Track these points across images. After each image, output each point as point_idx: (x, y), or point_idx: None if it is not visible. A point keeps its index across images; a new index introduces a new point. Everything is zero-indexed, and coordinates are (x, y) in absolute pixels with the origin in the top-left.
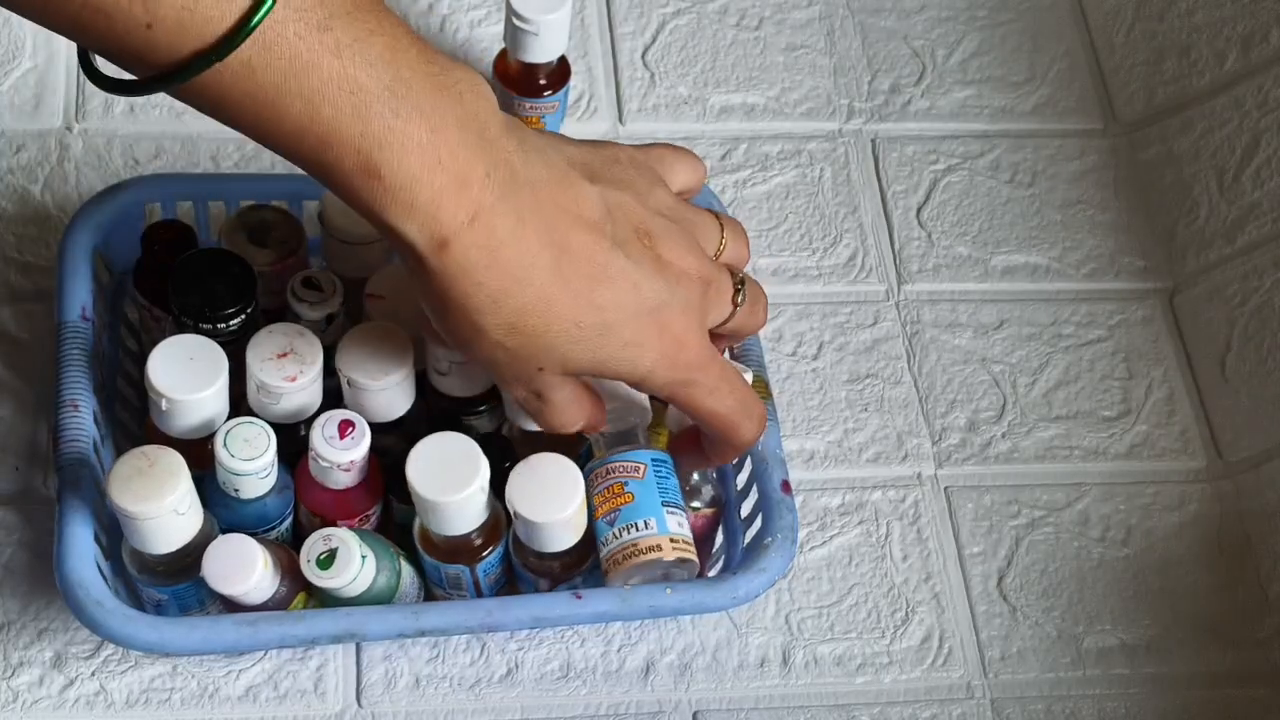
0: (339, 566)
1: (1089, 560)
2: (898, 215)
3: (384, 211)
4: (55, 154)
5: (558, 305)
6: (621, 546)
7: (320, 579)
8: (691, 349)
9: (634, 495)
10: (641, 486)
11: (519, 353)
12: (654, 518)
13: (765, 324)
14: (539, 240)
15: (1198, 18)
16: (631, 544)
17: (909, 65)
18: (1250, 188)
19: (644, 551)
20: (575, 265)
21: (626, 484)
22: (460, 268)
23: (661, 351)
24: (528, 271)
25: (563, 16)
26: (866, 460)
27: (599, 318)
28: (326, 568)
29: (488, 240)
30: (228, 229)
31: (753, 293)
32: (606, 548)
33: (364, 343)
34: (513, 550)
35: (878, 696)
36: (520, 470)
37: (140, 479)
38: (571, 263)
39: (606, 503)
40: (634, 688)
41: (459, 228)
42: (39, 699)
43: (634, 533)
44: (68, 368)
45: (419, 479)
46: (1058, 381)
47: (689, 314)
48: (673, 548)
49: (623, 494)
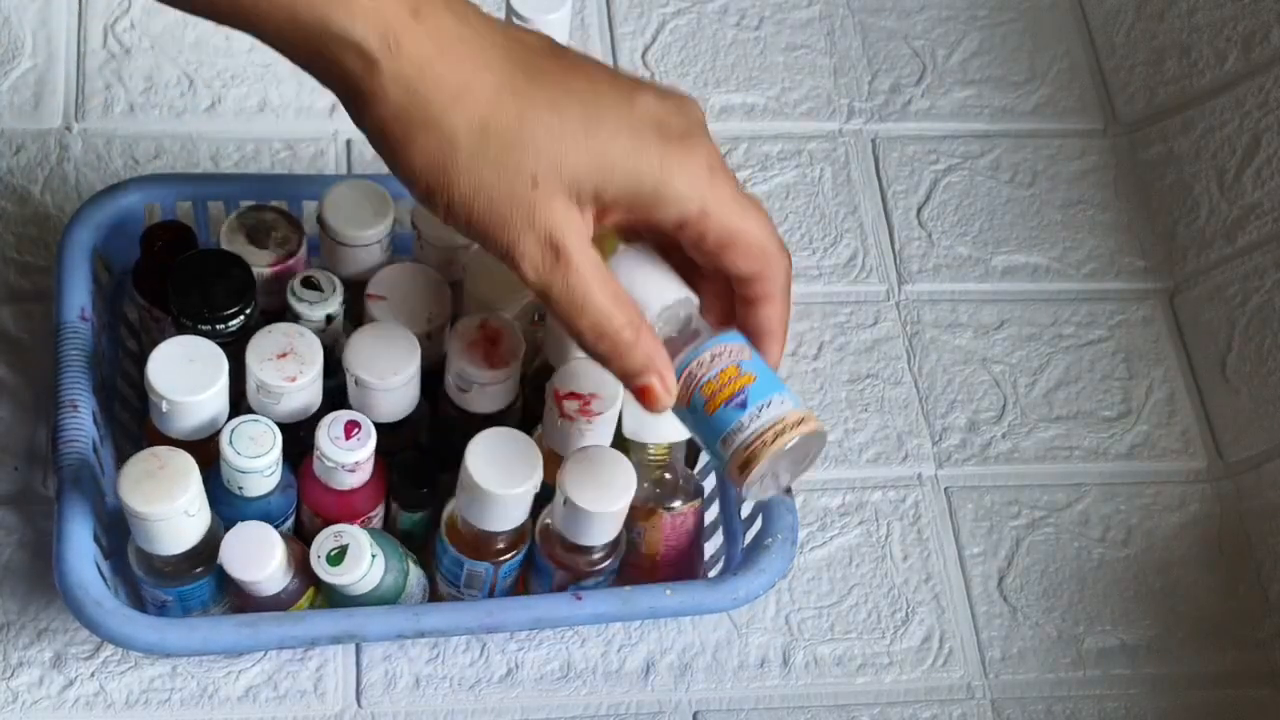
0: (349, 564)
1: (1089, 560)
2: (898, 215)
3: (328, 20)
4: (55, 154)
5: (527, 91)
6: (769, 425)
7: (330, 575)
8: (706, 153)
9: (755, 375)
10: (756, 366)
11: (503, 162)
12: (783, 393)
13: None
14: (488, 26)
15: (1198, 18)
16: (780, 419)
17: (909, 65)
18: (1250, 188)
19: (795, 425)
20: (534, 53)
21: (741, 365)
22: (416, 66)
23: (668, 153)
24: (486, 55)
25: (563, 16)
26: (866, 460)
27: (579, 108)
28: (337, 564)
29: (437, 30)
30: (227, 229)
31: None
32: (745, 432)
33: (371, 342)
34: (539, 540)
35: (878, 697)
36: (575, 459)
37: (151, 480)
38: (528, 51)
39: (725, 388)
40: (634, 688)
41: (406, 21)
42: (39, 699)
43: (776, 409)
44: (67, 368)
45: (477, 468)
46: (1058, 382)
47: (693, 130)
48: (815, 418)
49: (740, 375)
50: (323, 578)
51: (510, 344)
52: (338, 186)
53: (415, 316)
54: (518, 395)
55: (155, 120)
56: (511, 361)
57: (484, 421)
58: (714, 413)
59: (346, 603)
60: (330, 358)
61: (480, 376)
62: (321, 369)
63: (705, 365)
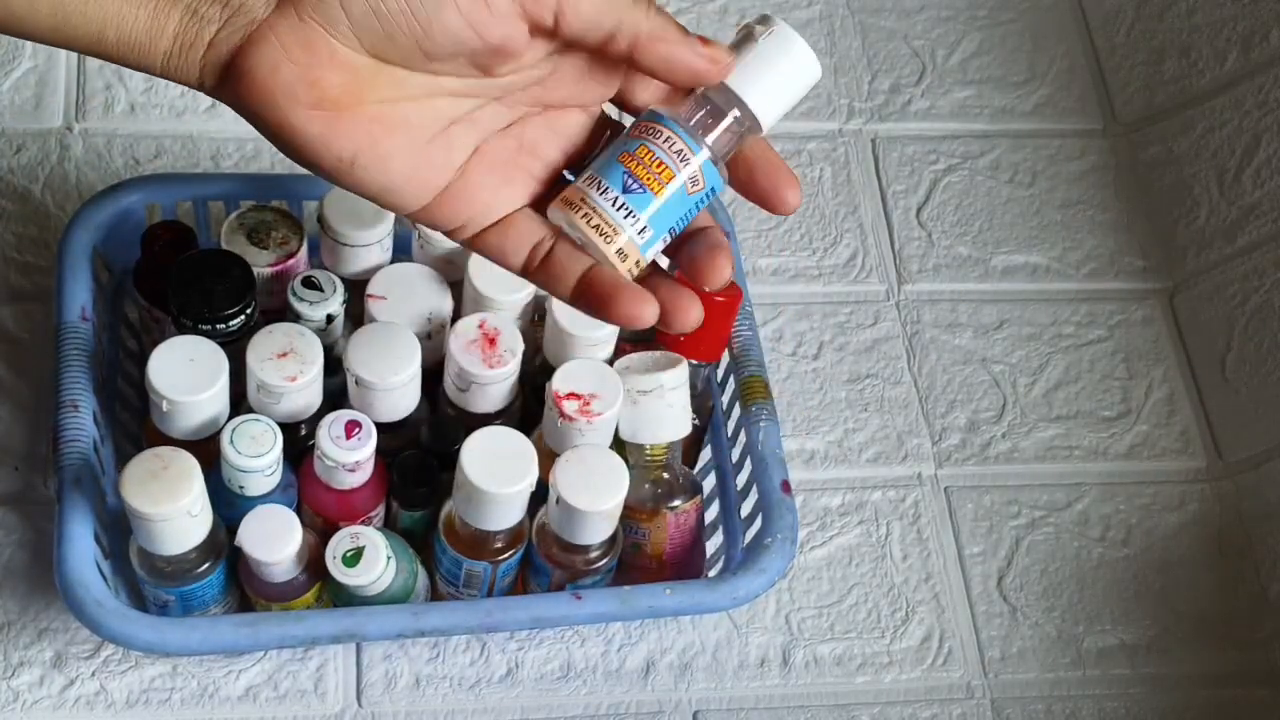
0: (365, 565)
1: (1089, 560)
2: (898, 215)
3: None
4: (55, 154)
5: None
6: (592, 214)
7: (345, 576)
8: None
9: (668, 192)
10: (678, 188)
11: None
12: (654, 230)
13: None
14: None
15: (1198, 18)
16: (605, 221)
17: (909, 65)
18: (1250, 188)
19: (604, 242)
20: None
21: (675, 174)
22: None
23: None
24: None
25: None
26: (866, 460)
27: None
28: (353, 565)
29: None
30: (227, 229)
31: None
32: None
33: (372, 342)
34: (535, 540)
35: (878, 696)
36: (567, 458)
37: (155, 481)
38: None
39: (636, 165)
40: (634, 688)
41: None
42: (39, 699)
43: (616, 215)
44: (68, 368)
45: (473, 468)
46: (1058, 381)
47: None
48: (626, 268)
49: (663, 171)
50: (338, 578)
51: (510, 344)
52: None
53: (415, 316)
54: (517, 395)
55: (156, 120)
56: (511, 361)
57: (483, 421)
58: (598, 160)
59: (354, 602)
60: (330, 358)
61: (480, 376)
62: (322, 369)
63: (651, 134)
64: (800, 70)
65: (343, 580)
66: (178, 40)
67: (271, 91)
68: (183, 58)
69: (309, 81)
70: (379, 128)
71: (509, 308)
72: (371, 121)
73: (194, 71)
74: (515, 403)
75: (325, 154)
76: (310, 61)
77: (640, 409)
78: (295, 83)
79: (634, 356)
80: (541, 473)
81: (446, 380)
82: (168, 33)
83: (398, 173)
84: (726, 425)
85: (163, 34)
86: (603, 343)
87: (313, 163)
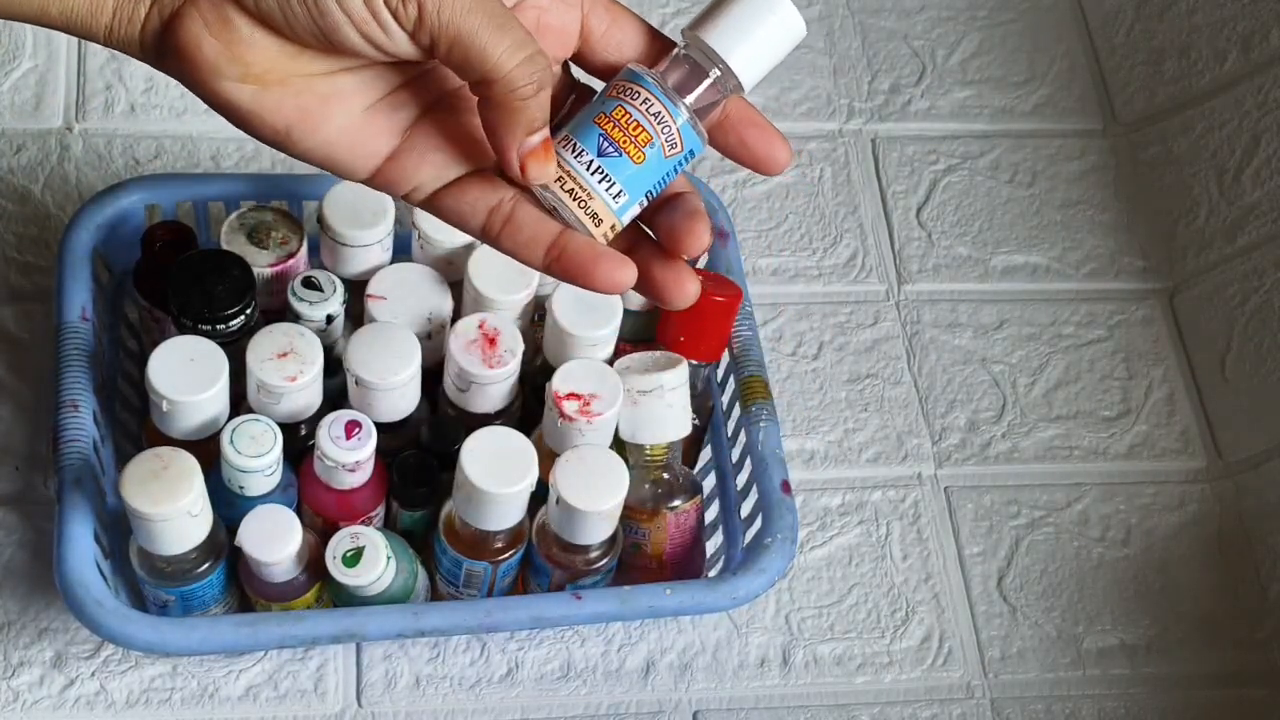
0: (365, 565)
1: (1089, 560)
2: (898, 215)
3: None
4: (55, 154)
5: None
6: (566, 178)
7: (345, 576)
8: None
9: (646, 155)
10: (656, 152)
11: None
12: (631, 194)
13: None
14: None
15: (1198, 18)
16: (580, 185)
17: (909, 65)
18: (1250, 188)
19: (578, 207)
20: None
21: (653, 137)
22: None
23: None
24: None
25: None
26: (866, 460)
27: None
28: (353, 565)
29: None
30: (227, 229)
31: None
32: (559, 175)
33: (372, 342)
34: (535, 540)
35: (878, 696)
36: (567, 458)
37: (155, 481)
38: None
39: (612, 127)
40: (634, 688)
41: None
42: (39, 699)
43: (591, 180)
44: (68, 368)
45: (472, 468)
46: (1058, 381)
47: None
48: (600, 233)
49: (640, 133)
50: (338, 578)
51: (510, 344)
52: (338, 186)
53: (415, 316)
54: (517, 395)
55: (156, 120)
56: (511, 361)
57: (483, 421)
58: (579, 124)
59: (354, 602)
60: (330, 358)
61: (480, 376)
62: (322, 369)
63: (628, 95)
64: (785, 28)
65: (343, 580)
66: (117, 14)
67: (198, 66)
68: (123, 31)
69: (230, 57)
70: (311, 98)
71: (509, 308)
72: (301, 93)
73: (136, 44)
74: (515, 403)
75: (261, 125)
76: (230, 39)
77: (640, 409)
78: (218, 58)
79: (634, 357)
80: (541, 473)
81: (446, 380)
82: (108, 7)
83: (337, 142)
84: (726, 425)
85: (103, 8)
86: (603, 343)
87: (253, 133)
